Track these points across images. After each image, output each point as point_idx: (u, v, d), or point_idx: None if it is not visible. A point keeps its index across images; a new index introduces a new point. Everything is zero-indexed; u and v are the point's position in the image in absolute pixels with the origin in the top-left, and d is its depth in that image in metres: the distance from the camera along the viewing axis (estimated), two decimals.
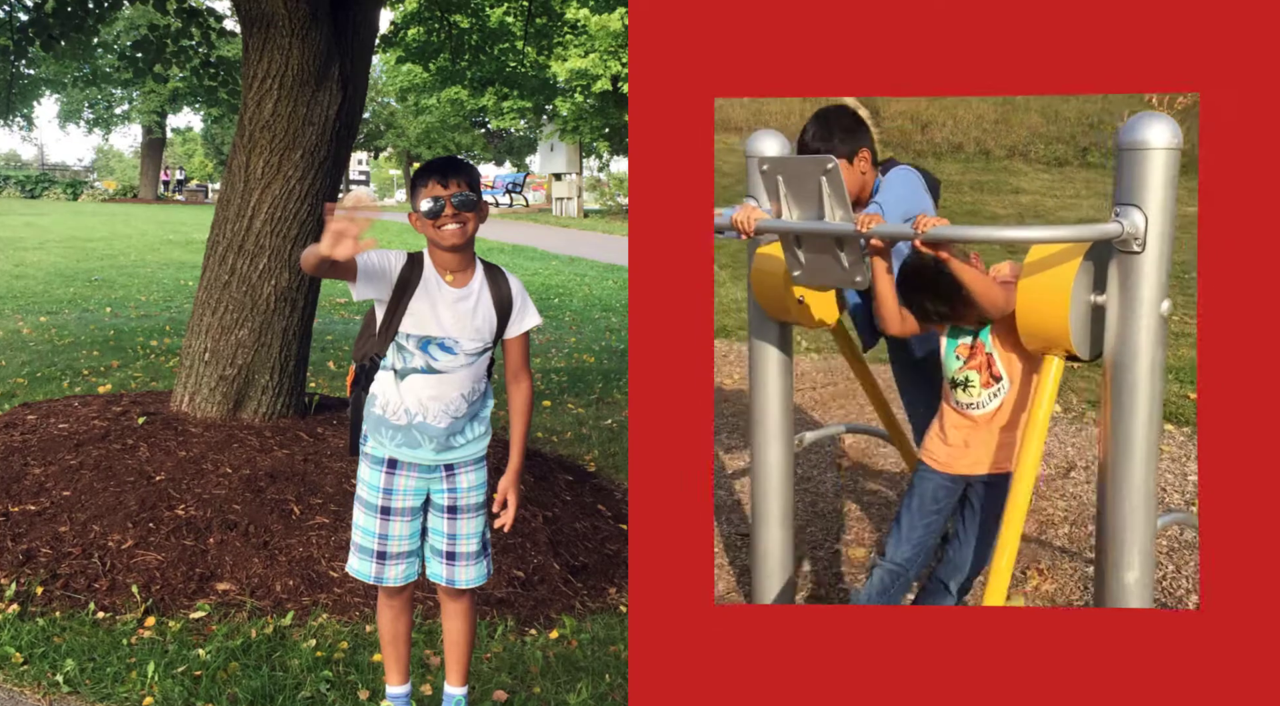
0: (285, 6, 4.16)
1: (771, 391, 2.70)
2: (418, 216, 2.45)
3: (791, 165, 2.27)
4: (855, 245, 2.29)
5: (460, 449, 2.56)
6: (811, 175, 2.21)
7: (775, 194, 2.29)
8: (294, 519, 3.71)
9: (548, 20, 10.45)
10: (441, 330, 2.46)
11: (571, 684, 3.01)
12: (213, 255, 4.50)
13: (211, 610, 3.31)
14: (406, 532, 2.58)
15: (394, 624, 2.69)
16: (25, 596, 3.32)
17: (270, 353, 4.46)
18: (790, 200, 2.27)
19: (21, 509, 3.73)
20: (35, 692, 2.87)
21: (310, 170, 4.39)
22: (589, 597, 3.64)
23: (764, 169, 2.29)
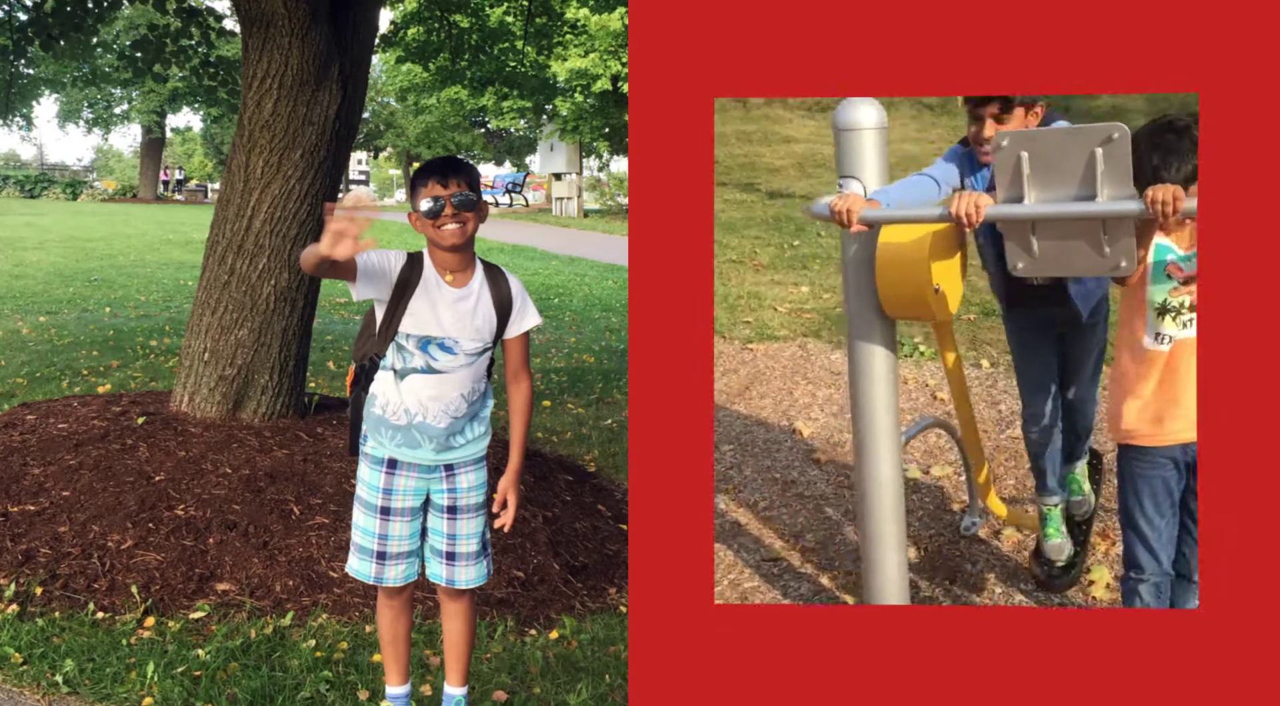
0: (285, 6, 4.16)
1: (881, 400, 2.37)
2: (417, 216, 2.45)
3: (1050, 139, 1.96)
4: (1126, 226, 1.95)
5: (460, 449, 2.56)
6: (1080, 148, 1.90)
7: (1010, 174, 1.98)
8: (294, 519, 3.71)
9: (548, 20, 10.45)
10: (441, 330, 2.46)
11: (571, 684, 3.01)
12: (212, 255, 4.50)
13: (211, 610, 3.31)
14: (406, 533, 2.58)
15: (394, 624, 2.69)
16: (25, 596, 3.32)
17: (270, 353, 4.45)
18: (1033, 181, 1.96)
19: (21, 509, 3.73)
20: (35, 693, 2.87)
21: (310, 170, 4.39)
22: (589, 598, 3.64)
23: (1003, 145, 1.96)
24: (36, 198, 33.67)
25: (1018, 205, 2.00)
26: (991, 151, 2.05)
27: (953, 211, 2.07)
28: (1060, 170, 1.95)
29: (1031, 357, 2.68)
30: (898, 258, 2.30)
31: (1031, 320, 2.66)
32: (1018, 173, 1.98)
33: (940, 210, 2.13)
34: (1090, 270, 2.10)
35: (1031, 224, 2.03)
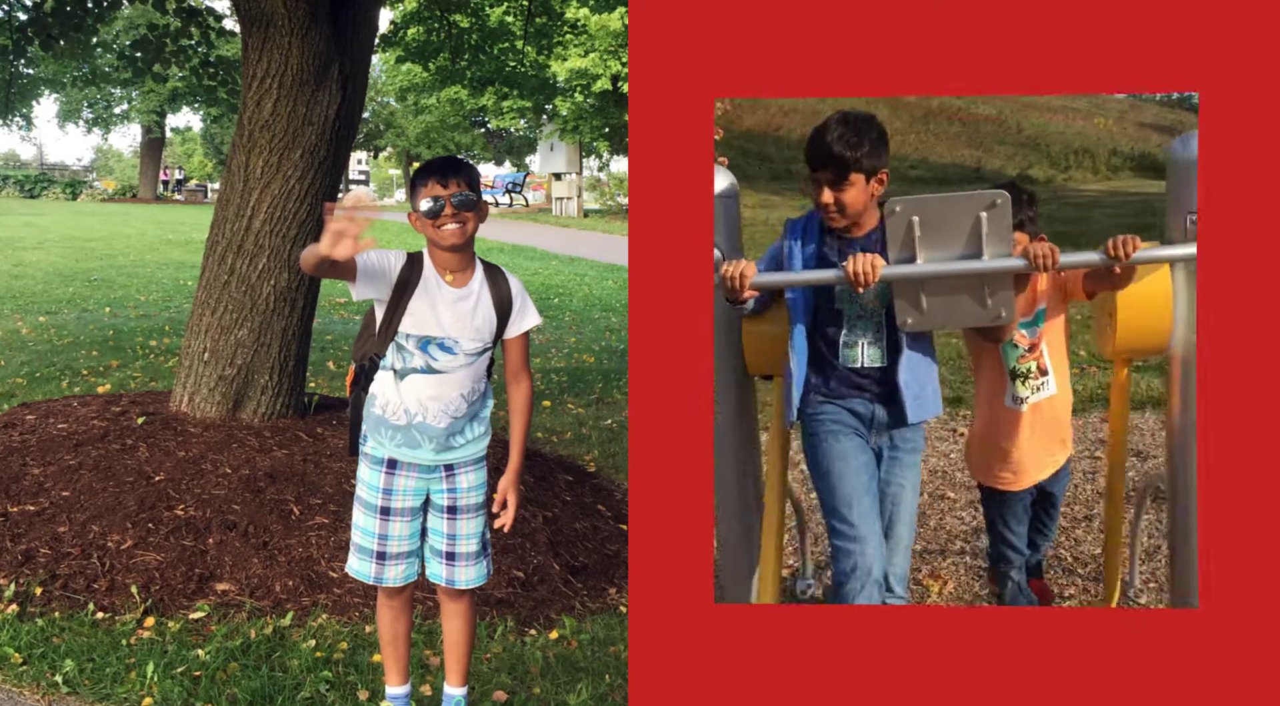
0: (285, 6, 4.16)
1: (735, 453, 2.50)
2: (417, 216, 2.44)
3: (937, 204, 2.10)
4: (1005, 280, 2.12)
5: (460, 449, 2.56)
6: (966, 212, 2.07)
7: (903, 236, 2.12)
8: (293, 519, 3.71)
9: (547, 20, 10.45)
10: (441, 330, 2.46)
11: (571, 684, 3.01)
12: (212, 255, 4.50)
13: (211, 610, 3.31)
14: (406, 533, 2.58)
15: (394, 624, 2.69)
16: (24, 597, 3.31)
17: (270, 352, 4.45)
18: (923, 241, 2.10)
19: (21, 509, 3.73)
20: (34, 693, 2.87)
21: (310, 170, 4.38)
22: (589, 598, 3.63)
23: (896, 210, 2.09)
24: (36, 197, 33.67)
25: (911, 265, 2.14)
26: (886, 216, 2.14)
27: (849, 271, 2.14)
28: (947, 232, 2.10)
29: (851, 468, 2.33)
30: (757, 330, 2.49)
31: (844, 420, 2.37)
32: (909, 235, 2.12)
33: (835, 272, 2.20)
34: (974, 321, 2.24)
35: (921, 282, 2.17)
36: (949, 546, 3.54)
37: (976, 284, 2.15)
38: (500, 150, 41.81)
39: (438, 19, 9.58)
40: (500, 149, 41.64)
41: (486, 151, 40.72)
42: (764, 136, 8.46)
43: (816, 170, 2.31)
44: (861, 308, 2.38)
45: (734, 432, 2.50)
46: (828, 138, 2.27)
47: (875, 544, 2.30)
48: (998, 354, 2.61)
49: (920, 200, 2.12)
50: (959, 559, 3.45)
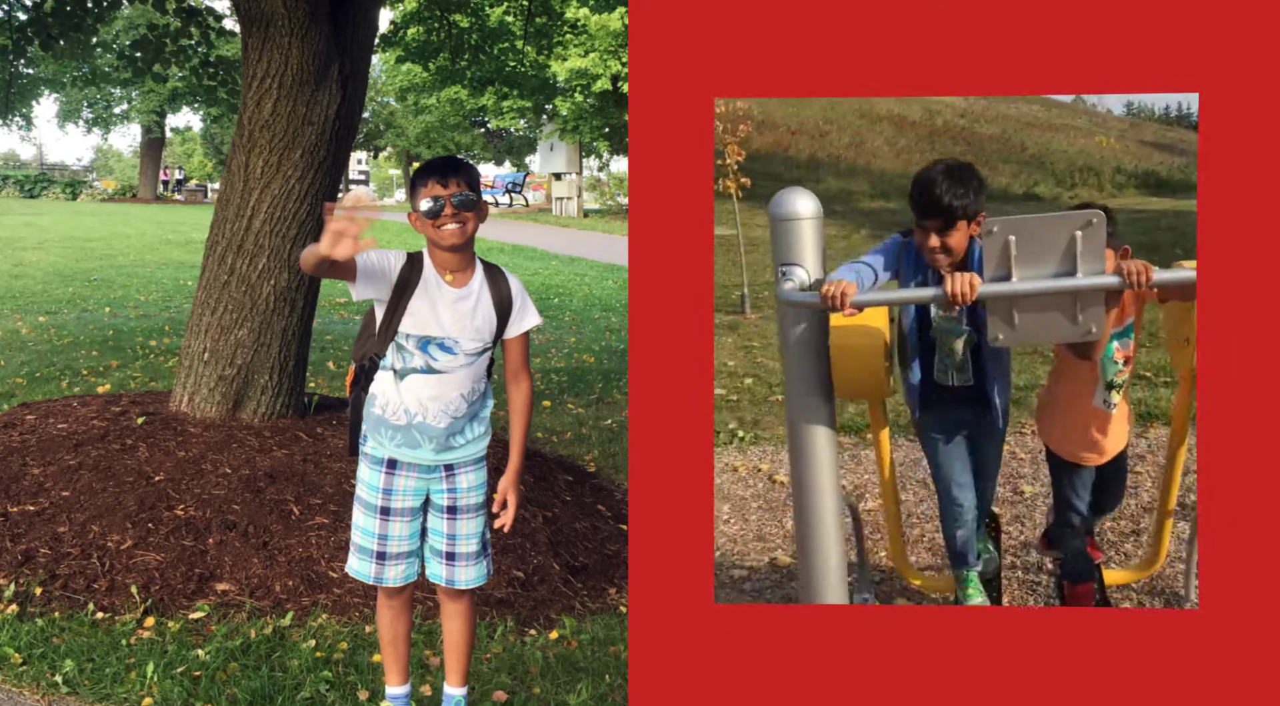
0: (285, 6, 4.16)
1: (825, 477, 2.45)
2: (417, 216, 2.44)
3: (1033, 225, 2.17)
4: (1097, 297, 2.20)
5: (460, 449, 2.56)
6: (1061, 232, 2.14)
7: (998, 256, 2.19)
8: (293, 519, 3.71)
9: (547, 19, 10.45)
10: (441, 330, 2.46)
11: (571, 684, 3.01)
12: (212, 255, 4.50)
13: (211, 610, 3.30)
14: (406, 533, 2.58)
15: (394, 624, 2.69)
16: (24, 597, 3.31)
17: (269, 352, 4.45)
18: (1019, 260, 2.17)
19: (20, 509, 3.73)
20: (34, 693, 2.87)
21: (310, 170, 4.38)
22: (589, 598, 3.63)
23: (993, 230, 2.17)
24: (36, 197, 33.67)
25: (1006, 283, 2.22)
26: (982, 235, 2.23)
27: (948, 291, 2.22)
28: (1042, 251, 2.17)
29: (952, 459, 2.86)
30: (851, 345, 2.58)
31: (945, 424, 2.84)
32: (1005, 254, 2.18)
33: (935, 290, 2.27)
34: (1065, 337, 2.33)
35: (1014, 299, 2.25)
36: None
37: (1069, 301, 2.21)
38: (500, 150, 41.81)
39: (438, 19, 9.58)
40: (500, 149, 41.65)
41: (486, 151, 40.72)
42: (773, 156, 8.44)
43: (925, 217, 2.49)
44: (950, 348, 2.70)
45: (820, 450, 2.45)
46: (937, 191, 2.46)
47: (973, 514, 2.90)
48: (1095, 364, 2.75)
49: (1016, 221, 2.20)
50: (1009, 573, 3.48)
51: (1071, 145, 6.73)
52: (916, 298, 2.48)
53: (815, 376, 2.40)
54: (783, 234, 2.34)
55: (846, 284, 2.24)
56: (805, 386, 2.40)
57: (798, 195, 2.35)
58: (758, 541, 3.77)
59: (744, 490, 4.21)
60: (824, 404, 2.41)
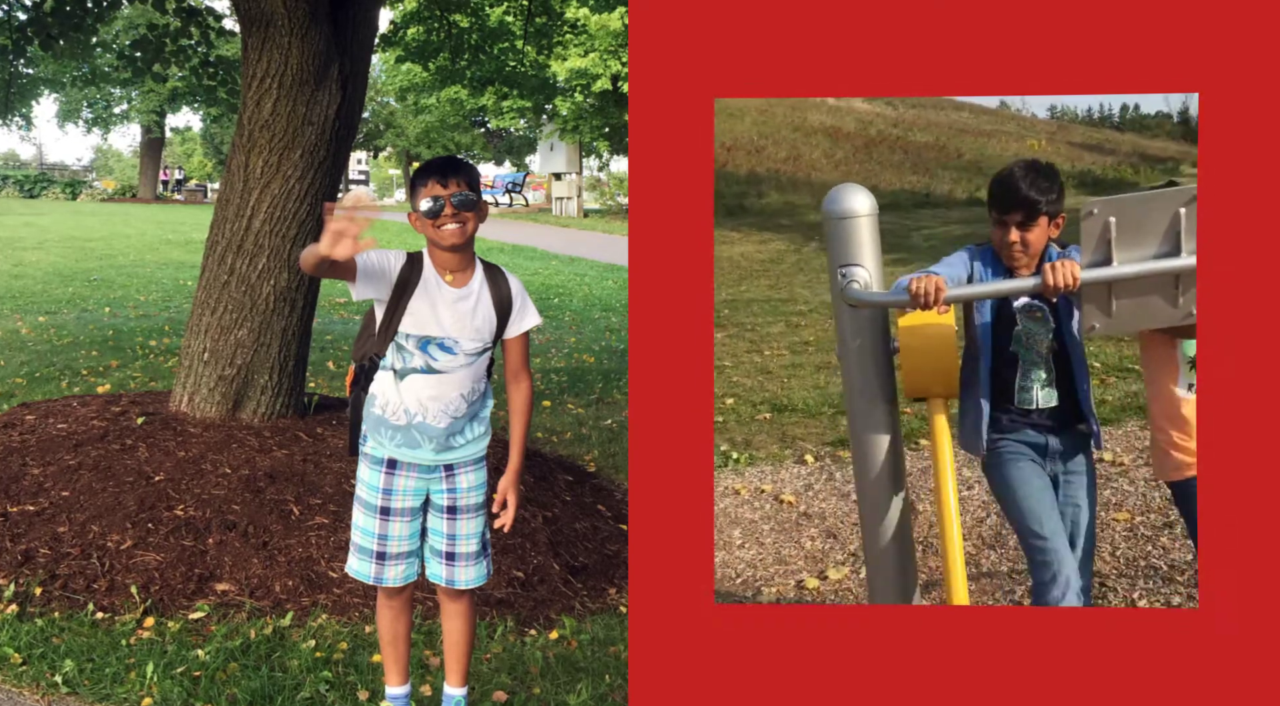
0: (284, 6, 4.16)
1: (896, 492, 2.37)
2: (417, 216, 2.44)
3: (1136, 203, 2.09)
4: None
5: (460, 449, 2.56)
6: (1163, 210, 2.07)
7: (1097, 239, 2.12)
8: (293, 519, 3.71)
9: (547, 19, 10.45)
10: (441, 330, 2.46)
11: (571, 684, 3.01)
12: (212, 255, 4.50)
13: (211, 610, 3.30)
14: (406, 533, 2.58)
15: (393, 624, 2.69)
16: (24, 597, 3.31)
17: (269, 352, 4.45)
18: (1119, 243, 2.11)
19: (20, 509, 3.73)
20: (34, 693, 2.87)
21: (309, 170, 4.38)
22: (589, 598, 3.63)
23: (1094, 212, 2.09)
24: (36, 197, 33.67)
25: (1108, 267, 2.12)
26: (1083, 219, 2.15)
27: (1049, 283, 2.13)
28: (1143, 232, 2.09)
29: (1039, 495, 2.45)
30: (925, 341, 2.44)
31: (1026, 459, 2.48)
32: (1104, 238, 2.10)
33: (1034, 280, 2.18)
34: (1165, 321, 2.21)
35: (1111, 285, 2.15)
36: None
37: (1169, 283, 2.13)
38: (500, 150, 41.81)
39: (438, 19, 9.58)
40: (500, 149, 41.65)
41: (486, 151, 40.72)
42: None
43: (1006, 212, 2.40)
44: (1037, 353, 2.46)
45: (886, 453, 2.39)
46: (1019, 182, 2.38)
47: (1068, 554, 2.43)
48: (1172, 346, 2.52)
49: (1118, 200, 2.12)
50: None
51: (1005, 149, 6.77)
52: (1016, 289, 2.32)
53: (879, 380, 2.34)
54: (840, 233, 2.27)
55: (938, 278, 2.17)
56: (869, 391, 2.34)
57: (853, 191, 2.29)
58: (778, 564, 3.72)
59: (752, 513, 4.19)
60: (889, 409, 2.36)
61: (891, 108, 5.57)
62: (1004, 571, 3.44)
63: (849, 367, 2.36)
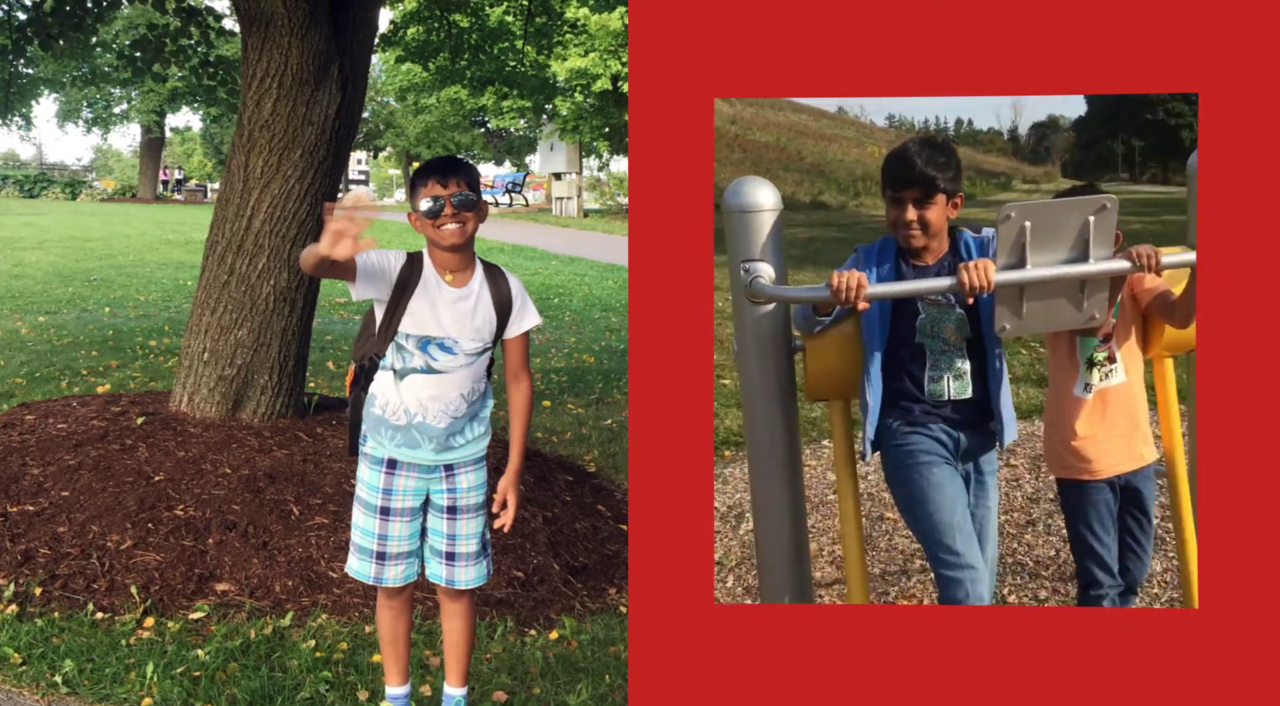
0: (284, 5, 4.16)
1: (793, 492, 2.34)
2: (417, 216, 2.44)
3: (1050, 210, 2.12)
4: (1102, 283, 2.18)
5: (460, 449, 2.56)
6: (1075, 217, 2.11)
7: (1012, 242, 2.12)
8: (293, 519, 3.71)
9: (547, 19, 10.45)
10: (441, 330, 2.46)
11: (571, 684, 3.01)
12: (212, 255, 4.50)
13: (211, 610, 3.30)
14: (406, 533, 2.58)
15: (393, 624, 2.69)
16: (24, 597, 3.31)
17: (269, 352, 4.45)
18: (1032, 247, 2.13)
19: (20, 509, 3.73)
20: (34, 693, 2.87)
21: (309, 170, 4.38)
22: (589, 598, 3.63)
23: (1010, 215, 2.10)
24: (35, 197, 33.66)
25: (1021, 270, 2.15)
26: (999, 222, 2.13)
27: (964, 282, 2.12)
28: (1055, 237, 2.13)
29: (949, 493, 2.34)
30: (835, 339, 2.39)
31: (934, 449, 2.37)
32: (1019, 240, 2.13)
33: (950, 280, 2.17)
34: (1070, 324, 2.26)
35: (1023, 288, 2.18)
36: (909, 565, 3.47)
37: (1075, 287, 2.18)
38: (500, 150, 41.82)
39: (438, 19, 9.57)
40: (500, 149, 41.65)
41: (486, 151, 40.73)
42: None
43: (901, 189, 2.33)
44: (945, 342, 2.38)
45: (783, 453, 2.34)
46: (915, 158, 2.31)
47: (982, 569, 2.34)
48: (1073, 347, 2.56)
49: (1033, 206, 2.15)
50: (923, 577, 3.38)
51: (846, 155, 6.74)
52: (933, 288, 2.26)
53: (778, 378, 2.30)
54: (741, 227, 2.23)
55: (860, 274, 2.11)
56: (767, 389, 2.30)
57: (756, 185, 2.23)
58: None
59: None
60: (789, 408, 2.32)
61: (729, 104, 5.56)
62: (876, 573, 3.43)
63: (748, 366, 2.31)
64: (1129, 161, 3.32)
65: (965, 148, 3.32)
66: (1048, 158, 3.08)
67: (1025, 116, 2.36)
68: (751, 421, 2.33)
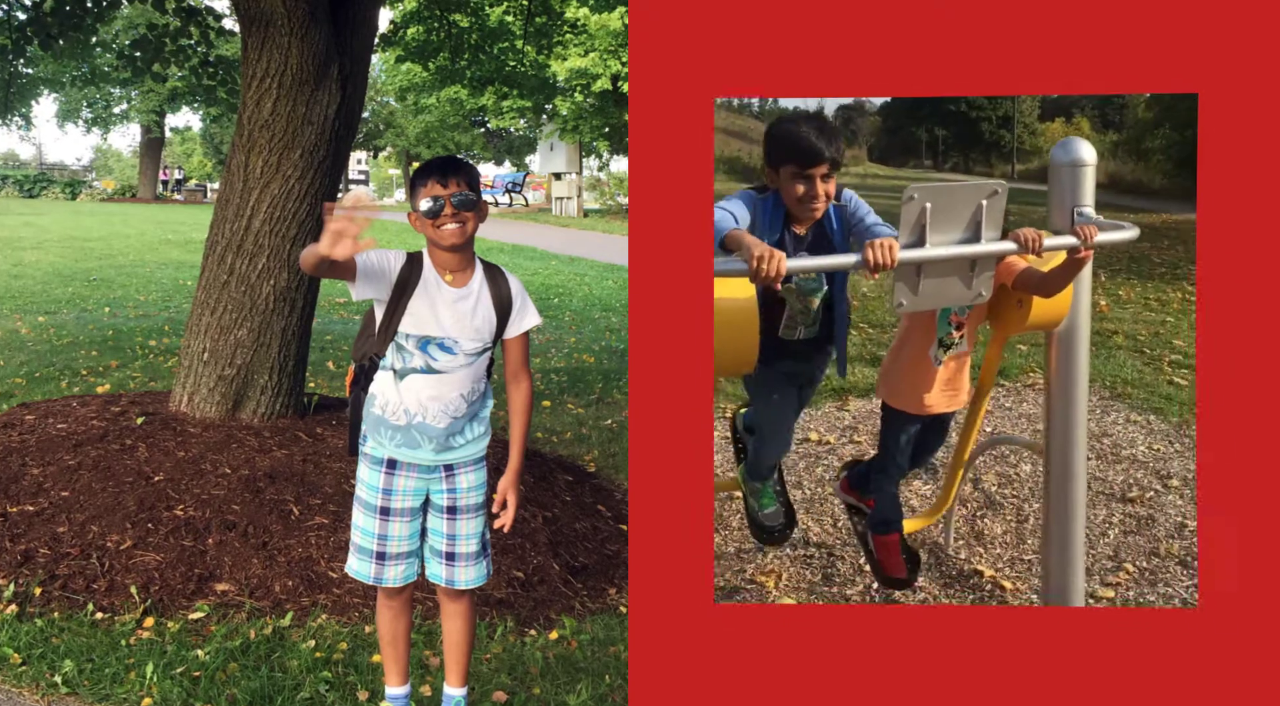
0: (284, 5, 4.16)
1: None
2: (417, 216, 2.44)
3: (948, 192, 2.25)
4: (990, 263, 2.34)
5: (460, 449, 2.56)
6: (969, 200, 2.22)
7: (914, 221, 2.24)
8: (293, 519, 3.71)
9: (547, 19, 10.45)
10: (441, 330, 2.46)
11: (571, 684, 3.01)
12: (211, 255, 4.50)
13: (210, 611, 3.30)
14: (406, 533, 2.58)
15: (393, 624, 2.69)
16: (24, 597, 3.31)
17: (269, 352, 4.45)
18: (932, 227, 2.24)
19: (20, 509, 3.73)
20: (34, 693, 2.87)
21: (309, 170, 4.38)
22: (589, 598, 3.63)
23: (914, 197, 2.22)
24: (35, 197, 33.67)
25: (921, 248, 2.28)
26: (904, 202, 2.25)
27: (870, 259, 2.22)
28: (952, 218, 2.26)
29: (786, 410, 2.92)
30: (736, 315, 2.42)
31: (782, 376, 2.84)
32: (920, 221, 2.25)
33: (855, 258, 2.28)
34: (959, 301, 2.43)
35: (920, 266, 2.32)
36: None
37: (966, 267, 2.32)
38: (500, 150, 41.83)
39: (438, 19, 9.58)
40: (500, 149, 41.67)
41: (486, 151, 40.75)
42: None
43: (811, 165, 2.46)
44: (806, 305, 2.66)
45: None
46: (819, 136, 2.46)
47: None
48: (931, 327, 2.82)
49: (933, 188, 2.26)
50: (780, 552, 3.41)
51: None
52: (840, 264, 2.41)
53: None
54: None
55: (779, 252, 2.19)
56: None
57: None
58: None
59: None
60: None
61: None
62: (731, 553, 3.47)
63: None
64: (932, 149, 3.40)
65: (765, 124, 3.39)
66: (854, 141, 3.14)
67: (830, 98, 2.42)
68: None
